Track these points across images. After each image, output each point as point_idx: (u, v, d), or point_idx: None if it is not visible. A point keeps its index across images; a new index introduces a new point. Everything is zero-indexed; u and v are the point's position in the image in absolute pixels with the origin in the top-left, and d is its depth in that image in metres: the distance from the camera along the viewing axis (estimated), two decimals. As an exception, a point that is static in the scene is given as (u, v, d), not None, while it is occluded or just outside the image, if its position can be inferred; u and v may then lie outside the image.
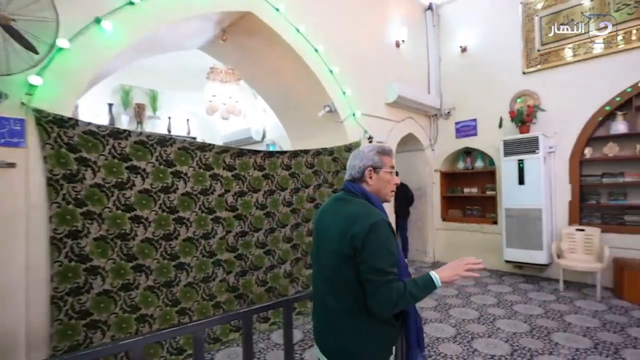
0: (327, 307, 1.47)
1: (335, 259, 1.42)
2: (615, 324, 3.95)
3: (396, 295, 1.32)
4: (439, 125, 6.89)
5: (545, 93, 5.72)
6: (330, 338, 1.46)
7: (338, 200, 1.56)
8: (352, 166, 1.57)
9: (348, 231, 1.37)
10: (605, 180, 5.34)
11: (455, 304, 4.72)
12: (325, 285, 1.48)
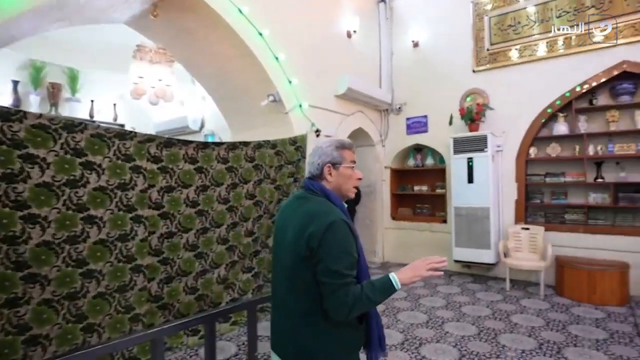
0: (287, 308, 1.43)
1: (293, 259, 1.37)
2: (557, 322, 4.01)
3: (352, 300, 1.27)
4: (390, 120, 6.79)
5: (494, 92, 5.78)
6: (290, 340, 1.41)
7: (298, 198, 1.51)
8: (311, 163, 1.53)
9: (305, 230, 1.33)
10: (548, 179, 5.49)
11: (403, 307, 4.58)
12: (285, 286, 1.44)
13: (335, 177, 1.50)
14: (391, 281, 1.34)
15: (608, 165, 5.19)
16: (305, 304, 1.37)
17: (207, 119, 7.22)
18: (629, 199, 4.95)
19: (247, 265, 4.02)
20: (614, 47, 4.93)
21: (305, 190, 1.52)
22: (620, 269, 4.58)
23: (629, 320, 4.06)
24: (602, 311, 4.32)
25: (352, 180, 1.54)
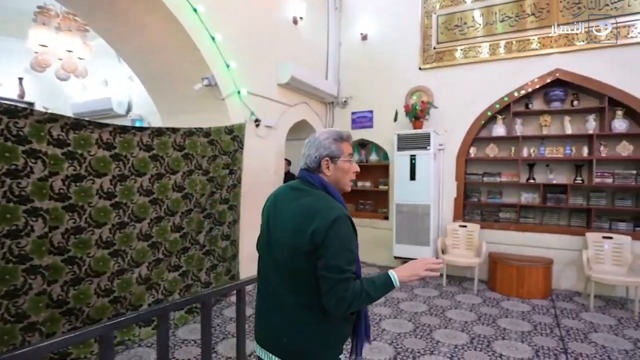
0: (281, 302, 1.39)
1: (293, 254, 1.34)
2: (488, 316, 4.17)
3: (351, 295, 1.27)
4: (335, 114, 6.69)
5: (438, 91, 5.87)
6: (287, 336, 1.38)
7: (294, 189, 1.46)
8: (308, 155, 1.48)
9: (308, 226, 1.30)
10: (485, 179, 5.70)
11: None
12: (281, 281, 1.39)
13: (334, 171, 1.47)
14: (391, 279, 1.36)
15: (539, 167, 5.49)
16: (305, 299, 1.36)
17: (136, 102, 6.65)
18: (555, 199, 5.27)
19: (174, 263, 3.72)
20: (549, 56, 5.20)
21: (302, 182, 1.47)
22: (545, 265, 4.86)
23: (550, 312, 4.32)
24: (528, 304, 4.56)
25: (350, 174, 1.51)
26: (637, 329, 3.88)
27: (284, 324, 1.39)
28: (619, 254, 4.68)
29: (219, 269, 4.23)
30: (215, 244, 4.17)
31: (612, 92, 4.88)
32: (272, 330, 1.43)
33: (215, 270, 4.19)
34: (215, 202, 4.13)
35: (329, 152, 1.45)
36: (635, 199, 5.05)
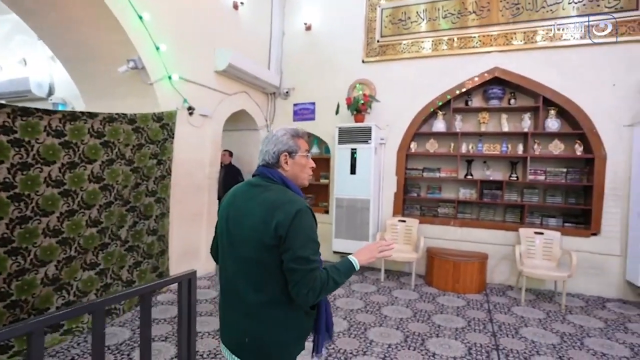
0: (244, 301, 1.42)
1: (256, 249, 1.37)
2: (423, 312, 4.23)
3: (320, 284, 1.33)
4: (277, 105, 6.57)
5: (381, 84, 5.91)
6: (244, 332, 1.42)
7: (253, 185, 1.50)
8: (266, 151, 1.53)
9: (271, 219, 1.34)
10: (425, 174, 5.83)
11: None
12: (244, 279, 1.42)
13: (292, 166, 1.52)
14: (353, 264, 1.47)
15: (477, 163, 5.69)
16: (269, 294, 1.39)
17: (58, 84, 6.17)
18: (491, 195, 5.49)
19: (90, 261, 3.45)
20: (489, 54, 5.38)
21: (260, 178, 1.51)
22: (480, 260, 5.04)
23: (484, 306, 4.46)
24: (463, 299, 4.70)
25: (307, 169, 1.58)
26: (564, 322, 4.06)
27: (246, 324, 1.42)
28: (549, 249, 4.95)
29: (144, 266, 4.00)
30: (139, 239, 3.93)
31: (546, 91, 5.14)
32: (235, 330, 1.46)
33: (139, 267, 3.95)
34: (140, 194, 3.89)
35: (287, 148, 1.51)
36: (565, 196, 5.37)
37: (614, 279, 4.90)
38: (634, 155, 4.81)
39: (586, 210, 5.16)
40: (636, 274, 4.55)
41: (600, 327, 3.96)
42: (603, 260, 4.93)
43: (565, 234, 4.99)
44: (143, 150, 3.85)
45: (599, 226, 4.97)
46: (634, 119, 4.83)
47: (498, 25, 5.36)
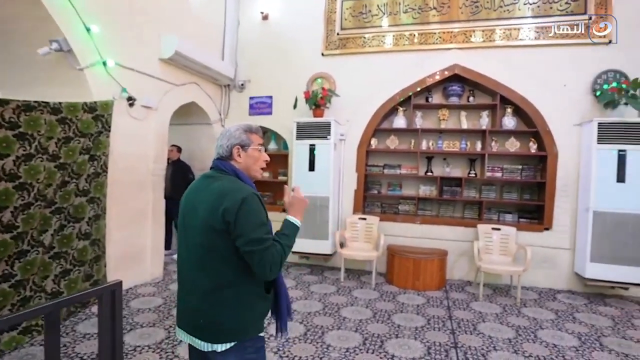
0: (198, 288, 1.49)
1: (207, 235, 1.44)
2: (383, 312, 4.06)
3: (278, 256, 1.43)
4: (232, 98, 6.15)
5: (341, 79, 5.66)
6: (202, 317, 1.47)
7: (207, 177, 1.57)
8: (220, 145, 1.60)
9: (219, 206, 1.40)
10: (386, 171, 5.65)
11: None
12: (195, 265, 1.49)
13: (244, 159, 1.59)
14: (295, 224, 1.58)
15: (437, 160, 5.57)
16: (221, 278, 1.46)
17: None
18: (451, 192, 5.38)
19: (3, 272, 2.94)
20: (449, 51, 5.27)
21: (215, 170, 1.59)
22: (440, 256, 4.93)
23: (444, 303, 4.37)
24: (423, 297, 4.58)
25: (260, 162, 1.64)
26: (519, 315, 4.08)
27: (200, 305, 1.47)
28: (505, 244, 4.91)
29: (74, 274, 3.50)
30: (68, 244, 3.43)
31: (503, 90, 5.09)
32: (190, 312, 1.52)
33: (68, 276, 3.45)
34: (69, 194, 3.39)
35: (239, 141, 1.58)
36: (520, 192, 5.35)
37: (564, 271, 4.97)
38: (582, 153, 4.87)
39: (539, 206, 5.18)
40: (583, 266, 4.63)
41: (552, 318, 4.01)
42: (554, 254, 4.99)
43: (520, 229, 5.00)
44: (71, 145, 3.36)
45: (551, 221, 4.99)
46: (582, 119, 4.90)
47: (458, 22, 5.26)
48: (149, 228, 4.58)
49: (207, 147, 5.95)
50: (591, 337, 3.58)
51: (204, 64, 5.10)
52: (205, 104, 5.63)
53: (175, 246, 5.84)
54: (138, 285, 4.51)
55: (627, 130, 4.47)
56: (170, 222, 5.76)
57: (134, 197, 4.32)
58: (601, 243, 4.52)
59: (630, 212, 4.45)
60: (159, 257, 4.86)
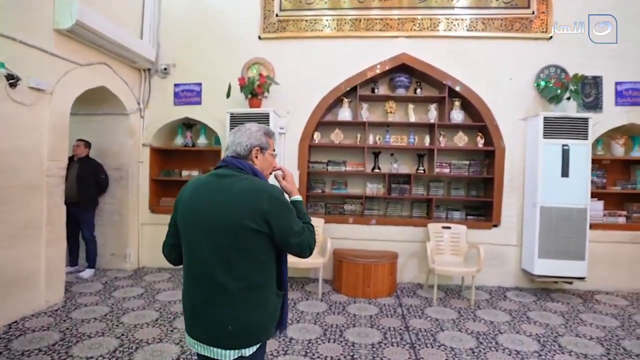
0: (224, 290, 1.40)
1: (238, 236, 1.38)
2: (335, 328, 3.54)
3: (312, 236, 1.52)
4: (153, 84, 5.18)
5: (281, 65, 5.01)
6: (230, 322, 1.40)
7: (221, 176, 1.47)
8: (238, 143, 1.54)
9: (255, 206, 1.38)
10: (330, 168, 5.10)
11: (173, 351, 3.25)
12: (221, 268, 1.40)
13: (260, 162, 1.56)
14: (301, 201, 1.66)
15: (384, 156, 5.16)
16: (246, 282, 1.41)
17: None
18: (399, 189, 4.99)
19: None
20: (396, 39, 4.86)
21: (229, 168, 1.50)
22: (391, 260, 4.52)
23: (398, 312, 3.97)
24: (376, 305, 4.15)
25: (270, 168, 1.64)
26: (475, 319, 3.82)
27: (227, 311, 1.40)
28: (456, 244, 4.63)
29: None
30: None
31: (451, 82, 4.80)
32: (212, 321, 1.42)
33: None
34: None
35: (259, 143, 1.54)
36: (467, 189, 5.11)
37: (511, 268, 4.83)
38: (527, 148, 4.75)
39: (486, 203, 5.00)
40: (531, 262, 4.50)
41: (507, 320, 3.81)
42: (502, 251, 4.83)
43: (469, 227, 4.74)
44: None
45: (499, 218, 4.82)
46: (526, 113, 4.78)
47: (404, 9, 4.87)
48: (42, 243, 3.55)
49: (123, 142, 4.94)
50: (549, 339, 3.39)
51: (116, 41, 4.13)
52: (119, 91, 4.64)
53: (84, 261, 4.78)
54: (27, 317, 3.46)
55: (570, 125, 4.38)
56: (77, 233, 4.69)
57: (19, 205, 3.29)
58: (548, 238, 4.42)
59: (574, 207, 4.38)
60: (58, 278, 3.82)
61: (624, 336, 3.48)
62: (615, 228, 4.77)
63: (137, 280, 4.70)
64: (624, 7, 4.61)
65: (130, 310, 3.78)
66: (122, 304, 3.93)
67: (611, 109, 4.72)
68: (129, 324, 3.47)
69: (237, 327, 1.40)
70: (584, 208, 4.38)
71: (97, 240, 4.74)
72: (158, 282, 4.66)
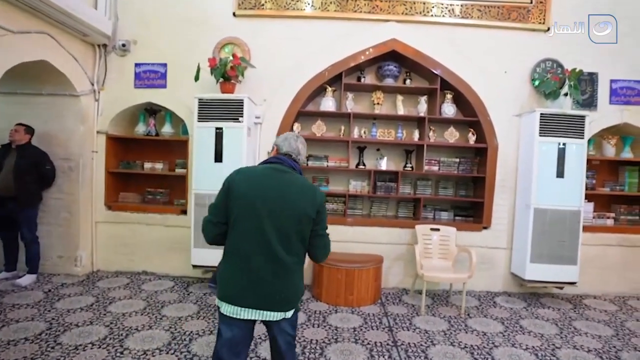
0: (281, 263, 1.64)
1: (301, 222, 1.66)
2: (315, 345, 3.03)
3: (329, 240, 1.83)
4: (110, 63, 4.39)
5: (257, 47, 4.37)
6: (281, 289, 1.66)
7: (280, 171, 1.72)
8: (298, 151, 1.84)
9: (315, 199, 1.69)
10: (311, 163, 4.53)
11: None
12: (282, 245, 1.64)
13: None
14: None
15: (370, 151, 4.64)
16: (297, 258, 1.70)
17: None
18: (385, 187, 4.48)
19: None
20: (387, 23, 4.32)
21: (284, 164, 1.75)
22: (376, 264, 4.04)
23: (384, 323, 3.51)
24: (359, 315, 3.66)
25: None
26: (467, 330, 3.43)
27: (282, 280, 1.65)
28: (446, 247, 4.19)
29: None
30: None
31: (444, 73, 4.31)
32: (270, 288, 1.64)
33: None
34: None
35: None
36: (455, 188, 4.67)
37: (500, 272, 4.46)
38: (521, 146, 4.35)
39: (475, 203, 4.59)
40: (522, 267, 4.12)
41: (501, 330, 3.44)
42: (491, 255, 4.45)
43: (458, 229, 4.30)
44: None
45: (490, 219, 4.41)
46: (521, 109, 4.38)
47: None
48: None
49: (73, 128, 4.16)
50: (546, 352, 3.05)
51: (59, 6, 3.35)
52: (67, 68, 3.86)
53: (25, 265, 3.99)
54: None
55: (566, 122, 4.00)
56: (14, 232, 3.90)
57: None
58: (540, 242, 4.05)
59: (568, 209, 4.03)
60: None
61: (621, 347, 3.19)
62: (604, 230, 4.48)
63: (88, 287, 3.99)
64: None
65: (73, 326, 3.08)
66: (64, 317, 3.23)
67: (605, 107, 4.40)
68: (68, 345, 2.79)
69: (288, 293, 1.68)
70: (577, 210, 4.04)
71: (41, 241, 3.96)
72: (113, 289, 3.98)
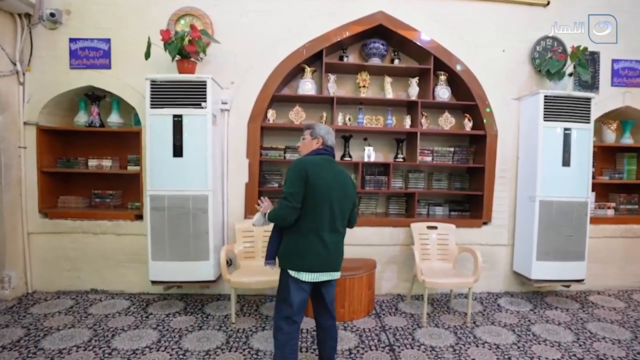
0: (340, 236, 2.14)
1: (350, 203, 2.15)
2: None
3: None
4: (37, 37, 3.43)
5: (222, 20, 3.58)
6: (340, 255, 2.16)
7: (331, 162, 2.14)
8: (333, 144, 2.24)
9: (355, 186, 2.21)
10: (289, 156, 3.78)
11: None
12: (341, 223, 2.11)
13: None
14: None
15: (356, 140, 3.97)
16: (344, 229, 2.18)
17: None
18: (375, 182, 3.82)
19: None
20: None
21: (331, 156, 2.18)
22: (369, 270, 3.40)
23: (383, 340, 2.90)
24: (353, 332, 3.03)
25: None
26: (478, 344, 2.87)
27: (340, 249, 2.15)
28: (445, 247, 3.61)
29: None
30: None
31: (438, 51, 3.68)
32: (338, 255, 2.13)
33: None
34: None
35: None
36: (449, 180, 4.09)
37: (501, 270, 3.95)
38: (521, 132, 3.84)
39: (470, 196, 4.05)
40: (527, 265, 3.63)
41: (514, 341, 2.93)
42: (493, 252, 3.92)
43: (457, 226, 3.74)
44: None
45: (490, 214, 3.87)
46: (520, 92, 3.85)
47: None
48: None
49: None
50: None
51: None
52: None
53: None
54: None
55: (572, 105, 3.49)
56: None
57: None
58: (547, 237, 3.56)
59: (575, 200, 3.54)
60: None
61: (645, 352, 2.72)
62: (606, 222, 4.05)
63: (18, 314, 3.11)
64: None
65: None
66: (-26, 366, 2.39)
67: (607, 89, 3.94)
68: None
69: (342, 258, 2.17)
70: (585, 201, 3.57)
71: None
72: (51, 315, 3.12)
